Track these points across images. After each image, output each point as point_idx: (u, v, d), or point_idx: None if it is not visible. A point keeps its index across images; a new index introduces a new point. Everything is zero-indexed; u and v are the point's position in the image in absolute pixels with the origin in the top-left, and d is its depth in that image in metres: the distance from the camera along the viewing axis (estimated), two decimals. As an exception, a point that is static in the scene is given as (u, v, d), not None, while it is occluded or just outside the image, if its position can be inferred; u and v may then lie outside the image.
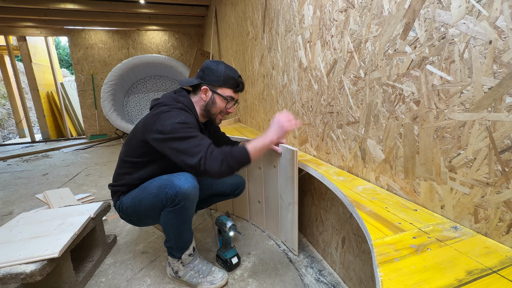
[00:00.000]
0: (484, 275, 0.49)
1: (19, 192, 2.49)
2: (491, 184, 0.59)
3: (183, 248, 1.14)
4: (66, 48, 15.04)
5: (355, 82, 0.98)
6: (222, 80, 1.13)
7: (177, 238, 1.11)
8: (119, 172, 1.17)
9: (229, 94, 1.16)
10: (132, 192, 1.14)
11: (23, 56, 5.28)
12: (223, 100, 1.16)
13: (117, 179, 1.18)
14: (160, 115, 1.03)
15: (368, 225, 0.69)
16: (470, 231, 0.64)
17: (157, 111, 1.05)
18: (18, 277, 0.91)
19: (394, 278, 0.50)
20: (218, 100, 1.15)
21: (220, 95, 1.14)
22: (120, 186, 1.16)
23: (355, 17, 0.94)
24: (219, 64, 1.14)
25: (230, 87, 1.16)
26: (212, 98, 1.15)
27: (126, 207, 1.13)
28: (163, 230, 1.11)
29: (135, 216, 1.14)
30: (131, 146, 1.14)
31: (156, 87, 5.51)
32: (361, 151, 1.00)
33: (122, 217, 1.18)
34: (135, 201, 1.10)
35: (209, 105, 1.16)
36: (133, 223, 1.21)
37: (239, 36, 2.53)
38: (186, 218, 1.07)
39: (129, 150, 1.14)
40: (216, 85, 1.14)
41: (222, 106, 1.17)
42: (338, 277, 1.20)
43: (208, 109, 1.16)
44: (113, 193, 1.19)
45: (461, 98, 0.63)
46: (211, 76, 1.13)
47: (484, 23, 0.56)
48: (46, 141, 5.56)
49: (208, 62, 1.16)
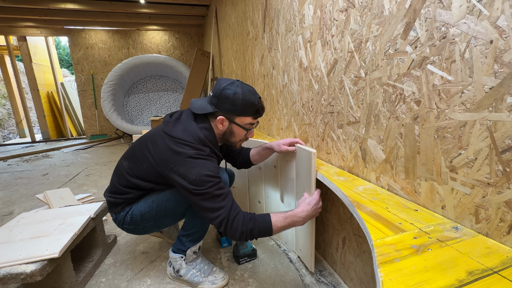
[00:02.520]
0: (485, 275, 0.49)
1: (19, 192, 2.50)
2: (492, 184, 0.59)
3: (196, 240, 1.17)
4: (66, 48, 15.05)
5: (356, 82, 0.98)
6: (240, 109, 1.00)
7: (201, 226, 1.13)
8: (122, 186, 1.08)
9: (247, 122, 1.05)
10: (147, 198, 1.08)
11: (23, 56, 5.29)
12: (242, 129, 1.05)
13: (119, 192, 1.09)
14: (184, 158, 0.93)
15: (369, 225, 0.68)
16: (471, 231, 0.64)
17: (180, 151, 0.94)
18: (18, 277, 0.91)
19: (395, 278, 0.50)
20: (237, 130, 1.05)
21: (238, 125, 1.03)
22: (125, 199, 1.08)
23: (356, 16, 0.94)
24: (235, 87, 0.99)
25: (250, 115, 1.03)
26: (229, 128, 1.04)
27: (140, 215, 1.07)
28: (189, 218, 1.12)
29: (152, 220, 1.08)
30: (139, 167, 1.04)
31: (156, 87, 5.52)
32: (361, 151, 1.00)
33: (128, 228, 1.11)
34: (159, 202, 1.06)
35: (227, 135, 1.06)
36: (141, 232, 1.14)
37: (240, 36, 2.53)
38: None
39: (136, 171, 1.05)
40: (234, 114, 1.01)
41: (242, 135, 1.07)
42: (338, 277, 1.20)
43: (226, 138, 1.07)
44: (115, 204, 1.09)
45: (462, 98, 0.62)
46: (227, 105, 0.99)
47: (485, 23, 0.56)
48: (46, 141, 5.57)
49: (222, 85, 1.00)
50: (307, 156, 1.07)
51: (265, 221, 0.94)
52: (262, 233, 0.93)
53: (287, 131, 1.62)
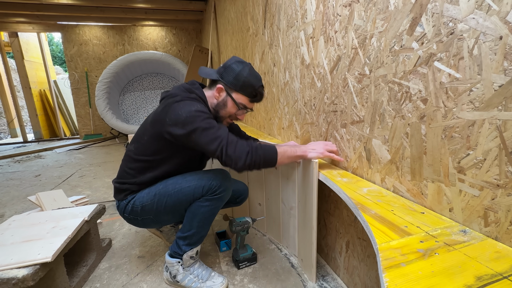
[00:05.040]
0: (494, 280, 0.49)
1: (10, 194, 2.50)
2: (502, 186, 0.58)
3: (193, 244, 1.16)
4: (60, 44, 15.08)
5: (360, 79, 0.98)
6: (240, 85, 1.09)
7: (198, 229, 1.14)
8: (128, 169, 1.14)
9: (242, 102, 1.12)
10: (150, 189, 1.12)
11: (15, 52, 5.30)
12: (235, 105, 1.12)
13: (126, 176, 1.15)
14: (171, 105, 1.02)
15: (373, 229, 0.68)
16: (479, 235, 0.64)
17: (168, 102, 1.04)
18: (9, 282, 0.91)
19: (401, 283, 0.50)
20: (230, 104, 1.12)
21: (233, 100, 1.11)
22: (130, 185, 1.13)
23: (360, 11, 0.94)
24: (244, 66, 1.10)
25: (247, 95, 1.11)
26: (224, 100, 1.12)
27: (141, 206, 1.11)
28: (187, 219, 1.12)
29: (152, 214, 1.12)
30: (142, 143, 1.12)
31: (152, 85, 5.52)
32: (366, 152, 1.00)
33: (129, 217, 1.16)
34: (160, 197, 1.10)
35: (219, 106, 1.13)
36: (140, 224, 1.19)
37: (239, 32, 2.53)
38: (215, 211, 1.13)
39: (140, 147, 1.12)
40: (233, 88, 1.10)
41: (232, 112, 1.14)
42: (342, 282, 1.20)
43: (217, 109, 1.14)
44: (120, 190, 1.16)
45: (470, 96, 0.62)
46: (230, 77, 1.09)
47: (494, 18, 0.56)
48: (38, 141, 5.58)
49: (234, 60, 1.11)
50: (308, 165, 1.10)
51: (269, 146, 1.04)
52: (268, 153, 1.01)
53: (289, 131, 1.63)
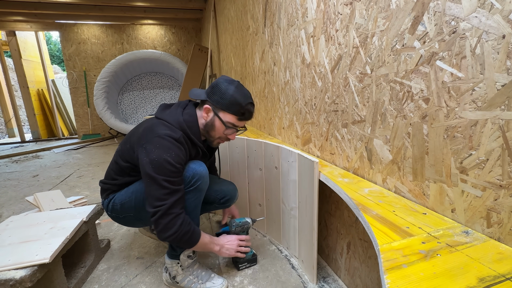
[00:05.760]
0: (497, 282, 0.49)
1: (8, 194, 2.50)
2: (505, 187, 0.58)
3: None
4: (58, 43, 15.10)
5: (361, 78, 0.98)
6: (226, 103, 1.06)
7: None
8: (112, 170, 1.20)
9: (230, 120, 1.09)
10: (128, 188, 1.16)
11: (13, 51, 5.30)
12: (223, 125, 1.09)
13: (109, 177, 1.21)
14: (154, 136, 1.01)
15: (375, 230, 0.69)
16: (482, 236, 0.64)
17: (156, 128, 1.03)
18: (7, 284, 0.91)
19: (402, 285, 0.50)
20: (218, 123, 1.09)
21: (220, 119, 1.08)
22: (112, 185, 1.19)
23: (361, 10, 0.94)
24: (230, 84, 1.07)
25: (234, 113, 1.08)
26: (212, 120, 1.10)
27: (120, 204, 1.16)
28: None
29: (132, 211, 1.16)
30: (127, 147, 1.14)
31: (151, 84, 5.52)
32: (367, 152, 1.00)
33: (112, 216, 1.21)
34: (136, 194, 1.12)
35: (208, 126, 1.11)
36: (124, 222, 1.24)
37: (239, 31, 2.53)
38: (197, 203, 1.12)
39: (125, 151, 1.15)
40: (219, 107, 1.07)
41: (221, 132, 1.11)
42: (343, 284, 1.20)
43: (207, 130, 1.12)
44: (103, 190, 1.22)
45: (472, 96, 0.62)
46: (217, 96, 1.07)
47: (497, 17, 0.56)
48: (36, 141, 5.58)
49: (222, 79, 1.09)
50: (309, 166, 1.09)
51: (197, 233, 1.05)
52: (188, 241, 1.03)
53: (289, 131, 1.63)
